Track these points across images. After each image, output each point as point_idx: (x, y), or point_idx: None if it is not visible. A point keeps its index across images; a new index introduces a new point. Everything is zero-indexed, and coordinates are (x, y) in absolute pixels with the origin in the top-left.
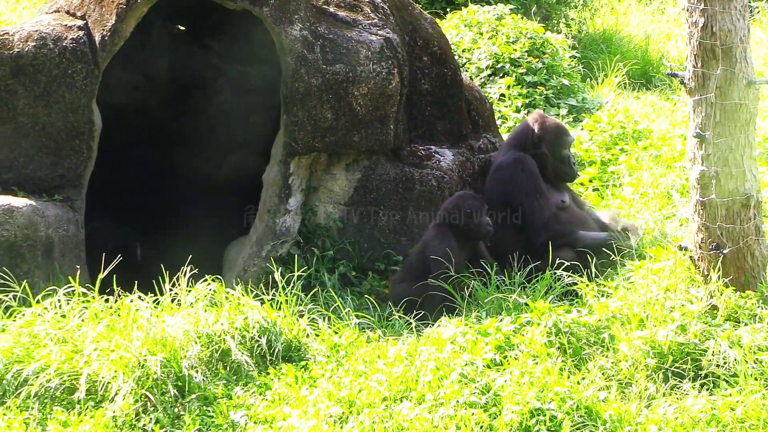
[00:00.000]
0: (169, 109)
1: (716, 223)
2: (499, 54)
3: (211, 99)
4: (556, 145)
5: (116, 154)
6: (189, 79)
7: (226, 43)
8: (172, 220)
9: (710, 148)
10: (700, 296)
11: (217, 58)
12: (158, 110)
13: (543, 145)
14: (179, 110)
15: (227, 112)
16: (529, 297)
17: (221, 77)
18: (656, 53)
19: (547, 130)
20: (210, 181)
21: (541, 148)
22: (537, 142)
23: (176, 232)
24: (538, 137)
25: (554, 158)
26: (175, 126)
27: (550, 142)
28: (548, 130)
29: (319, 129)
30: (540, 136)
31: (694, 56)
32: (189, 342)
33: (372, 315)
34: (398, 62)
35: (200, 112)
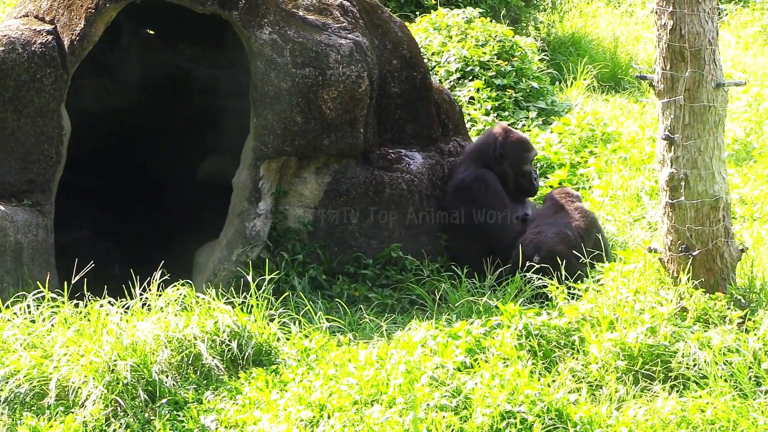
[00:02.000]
0: (139, 113)
1: (685, 225)
2: (469, 57)
3: (181, 103)
4: (519, 161)
5: (88, 160)
6: (159, 83)
7: (196, 47)
8: (148, 226)
9: (679, 150)
10: (670, 298)
11: (188, 62)
12: (129, 115)
13: (505, 161)
14: (150, 114)
15: (198, 115)
16: (500, 300)
17: (191, 81)
18: (625, 56)
19: (509, 147)
20: (186, 185)
21: (502, 165)
22: (499, 158)
23: (152, 238)
24: (500, 154)
25: (516, 174)
26: (147, 130)
27: (512, 158)
28: (511, 146)
29: (288, 132)
30: (502, 153)
31: (662, 59)
32: (159, 347)
33: (342, 318)
34: (368, 66)
35: (171, 116)
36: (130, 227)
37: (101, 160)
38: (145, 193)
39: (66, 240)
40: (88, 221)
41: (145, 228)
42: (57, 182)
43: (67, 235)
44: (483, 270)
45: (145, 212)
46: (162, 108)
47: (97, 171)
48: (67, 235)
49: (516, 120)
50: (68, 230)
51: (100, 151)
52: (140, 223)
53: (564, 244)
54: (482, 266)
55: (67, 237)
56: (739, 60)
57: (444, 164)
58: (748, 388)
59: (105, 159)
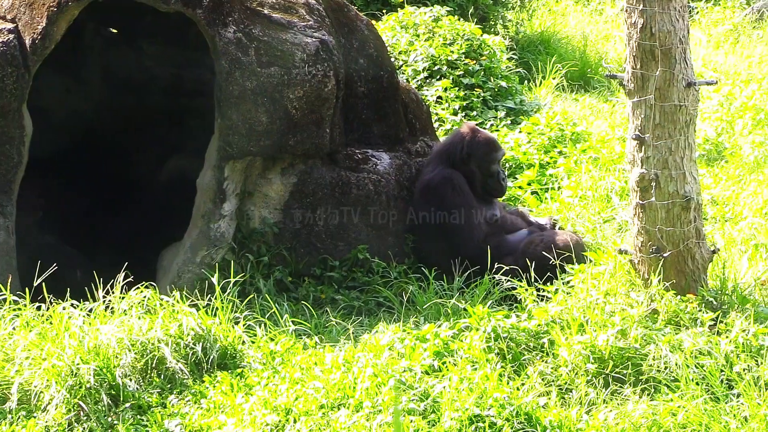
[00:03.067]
0: (102, 113)
1: (656, 226)
2: (436, 56)
3: (144, 102)
4: (486, 162)
5: (50, 161)
6: (122, 82)
7: (159, 46)
8: (112, 229)
9: (650, 150)
10: (641, 300)
11: (150, 61)
12: (91, 114)
13: (472, 161)
14: (113, 114)
15: (162, 115)
16: (468, 302)
17: (155, 81)
18: (595, 55)
19: (476, 147)
20: (150, 186)
21: (470, 165)
22: (466, 158)
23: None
24: (467, 154)
25: (483, 174)
26: (110, 131)
27: (479, 158)
28: (478, 146)
29: (253, 132)
30: (469, 152)
31: (633, 57)
32: (123, 350)
33: (309, 321)
34: (334, 65)
35: (134, 115)
36: (93, 231)
37: (63, 161)
38: (108, 194)
39: (29, 243)
40: (50, 224)
41: (108, 231)
42: (18, 183)
43: (30, 238)
44: (451, 272)
45: (108, 215)
46: (125, 108)
47: (59, 173)
48: (30, 239)
49: (484, 120)
50: (31, 234)
51: (62, 152)
52: (103, 226)
53: (573, 235)
54: (450, 268)
55: (30, 241)
56: (710, 59)
57: (411, 164)
58: (720, 391)
59: (68, 161)
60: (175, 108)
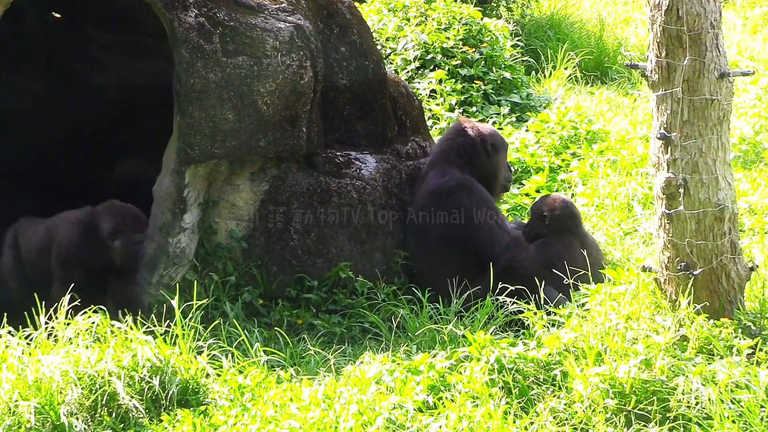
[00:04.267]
0: (45, 109)
1: (685, 240)
2: (429, 43)
3: (93, 97)
4: (505, 151)
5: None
6: (67, 74)
7: (109, 33)
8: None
9: (677, 151)
10: (668, 325)
11: (100, 50)
12: (33, 111)
13: (500, 155)
14: (57, 110)
15: (113, 112)
16: (468, 328)
17: (104, 72)
18: (613, 41)
19: (496, 137)
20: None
21: (493, 158)
22: (491, 152)
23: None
24: (491, 145)
25: (503, 167)
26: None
27: (502, 148)
28: (498, 138)
29: (218, 132)
30: (493, 143)
31: (657, 44)
32: (68, 384)
33: (283, 350)
34: (311, 53)
35: (81, 112)
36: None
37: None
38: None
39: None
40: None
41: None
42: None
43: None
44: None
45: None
46: (70, 103)
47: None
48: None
49: (486, 116)
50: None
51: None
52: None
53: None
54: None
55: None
56: (746, 45)
57: (401, 168)
58: (760, 430)
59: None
60: (128, 104)
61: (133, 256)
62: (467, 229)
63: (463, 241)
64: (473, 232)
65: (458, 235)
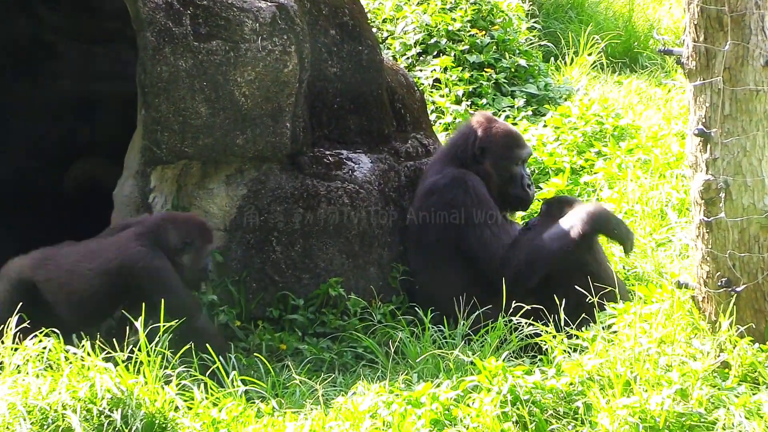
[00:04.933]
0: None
1: (727, 252)
2: (433, 25)
3: (44, 87)
4: (505, 160)
5: None
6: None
7: (64, 15)
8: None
9: (717, 150)
10: (706, 350)
11: (52, 33)
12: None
13: (487, 159)
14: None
15: (68, 105)
16: (477, 353)
17: (58, 59)
18: (643, 23)
19: (493, 140)
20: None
21: (483, 164)
22: (479, 155)
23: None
24: (480, 148)
25: (501, 177)
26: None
27: (496, 155)
28: (495, 139)
29: (189, 128)
30: (483, 146)
31: (694, 26)
32: (16, 419)
33: (264, 380)
34: (296, 37)
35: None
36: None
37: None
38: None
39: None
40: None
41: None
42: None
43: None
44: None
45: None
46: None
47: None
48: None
49: (497, 110)
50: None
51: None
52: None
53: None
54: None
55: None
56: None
57: (400, 170)
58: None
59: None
60: (85, 95)
61: (203, 271)
62: (462, 231)
63: (460, 246)
64: (467, 236)
65: (455, 238)
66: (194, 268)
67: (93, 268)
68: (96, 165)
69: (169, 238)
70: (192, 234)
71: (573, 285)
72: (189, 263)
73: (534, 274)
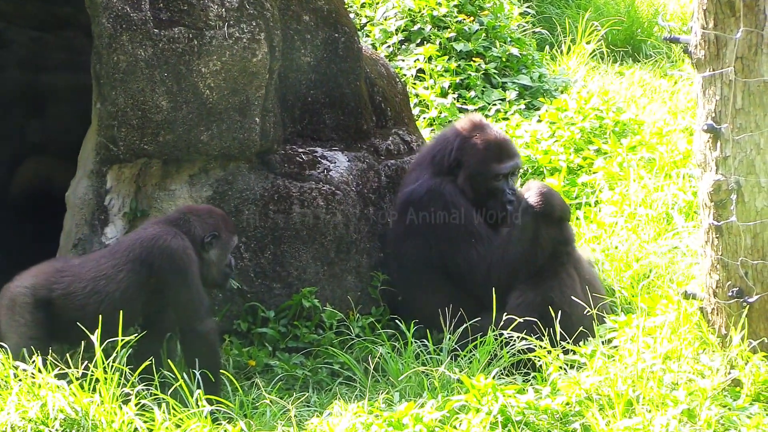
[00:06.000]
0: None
1: (738, 259)
2: (416, 11)
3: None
4: (480, 176)
5: None
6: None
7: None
8: None
9: (729, 147)
10: (716, 366)
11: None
12: None
13: (462, 173)
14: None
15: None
16: (464, 370)
17: (5, 47)
18: (647, 8)
19: (469, 152)
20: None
21: (458, 176)
22: (454, 167)
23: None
24: (455, 160)
25: (476, 192)
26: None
27: (471, 169)
28: (471, 152)
29: (149, 123)
30: (458, 159)
31: (703, 12)
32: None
33: (231, 399)
34: (266, 24)
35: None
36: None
37: None
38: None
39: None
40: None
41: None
42: None
43: None
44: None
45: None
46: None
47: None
48: None
49: (487, 103)
50: None
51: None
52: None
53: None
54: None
55: None
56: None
57: (380, 169)
58: None
59: None
60: (35, 88)
61: (229, 266)
62: (440, 248)
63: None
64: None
65: (435, 255)
66: (220, 264)
67: (117, 263)
68: (47, 164)
69: (194, 230)
70: (218, 226)
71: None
72: (216, 258)
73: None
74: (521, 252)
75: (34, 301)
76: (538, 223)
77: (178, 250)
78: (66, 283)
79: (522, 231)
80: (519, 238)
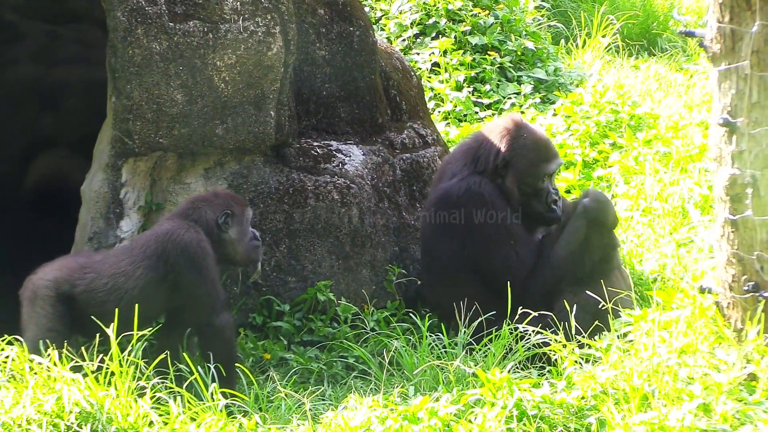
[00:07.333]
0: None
1: (754, 253)
2: (431, 4)
3: (4, 72)
4: (531, 176)
5: None
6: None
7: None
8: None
9: (744, 141)
10: (731, 361)
11: (12, 12)
12: None
13: (510, 173)
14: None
15: (28, 91)
16: (479, 364)
17: (19, 41)
18: (663, 2)
19: (519, 153)
20: (11, 194)
21: (505, 178)
22: (501, 168)
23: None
24: (503, 161)
25: (523, 193)
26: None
27: (520, 170)
28: (521, 152)
29: (164, 117)
30: (507, 160)
31: (718, 5)
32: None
33: (245, 392)
34: (281, 17)
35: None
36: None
37: None
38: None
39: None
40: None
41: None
42: None
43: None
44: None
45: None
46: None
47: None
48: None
49: (502, 97)
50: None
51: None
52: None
53: None
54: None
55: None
56: None
57: (395, 163)
58: None
59: None
60: (50, 81)
61: (255, 240)
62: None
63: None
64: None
65: (470, 256)
66: (244, 240)
67: (134, 260)
68: (61, 158)
69: (205, 216)
70: (227, 204)
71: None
72: (236, 235)
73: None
74: (569, 255)
75: (56, 294)
76: (591, 228)
77: (192, 243)
78: (89, 279)
79: (572, 234)
80: (568, 242)
